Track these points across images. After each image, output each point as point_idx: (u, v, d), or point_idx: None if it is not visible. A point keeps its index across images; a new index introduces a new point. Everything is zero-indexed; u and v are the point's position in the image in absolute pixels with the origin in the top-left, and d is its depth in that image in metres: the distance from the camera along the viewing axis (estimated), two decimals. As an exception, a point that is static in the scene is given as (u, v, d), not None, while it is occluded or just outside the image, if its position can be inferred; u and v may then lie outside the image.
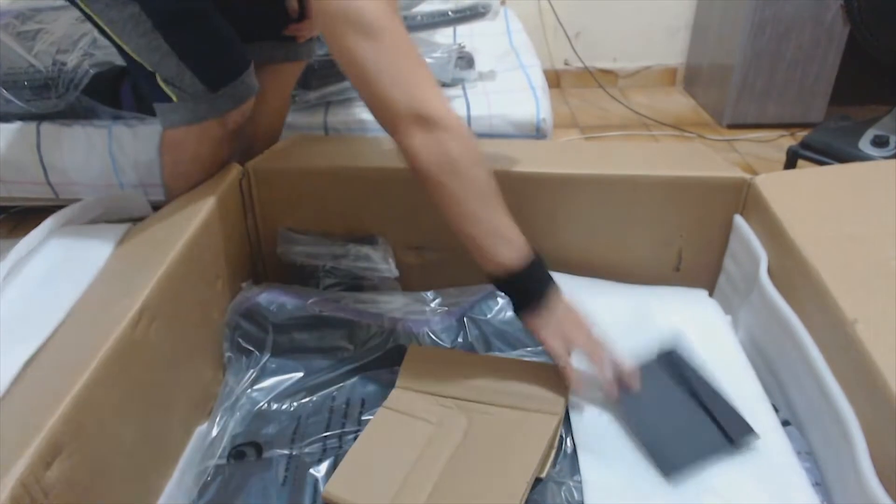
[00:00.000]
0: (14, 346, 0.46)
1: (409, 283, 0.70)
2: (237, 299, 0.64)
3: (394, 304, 0.65)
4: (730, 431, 0.50)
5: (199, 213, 0.60)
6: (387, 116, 0.49)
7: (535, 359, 0.60)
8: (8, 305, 0.52)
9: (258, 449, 0.54)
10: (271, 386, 0.60)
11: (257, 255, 0.72)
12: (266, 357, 0.62)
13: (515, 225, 0.51)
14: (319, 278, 0.69)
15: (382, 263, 0.68)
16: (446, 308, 0.65)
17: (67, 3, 0.62)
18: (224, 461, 0.53)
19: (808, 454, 0.50)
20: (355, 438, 0.53)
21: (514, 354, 0.61)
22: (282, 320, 0.62)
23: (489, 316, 0.63)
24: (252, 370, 0.61)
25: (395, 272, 0.69)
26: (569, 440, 0.51)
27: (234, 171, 0.67)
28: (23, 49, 1.39)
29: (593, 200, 0.67)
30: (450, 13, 1.37)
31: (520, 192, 0.66)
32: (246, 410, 0.58)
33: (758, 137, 1.90)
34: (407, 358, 0.59)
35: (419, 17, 1.33)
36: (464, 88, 1.38)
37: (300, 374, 0.61)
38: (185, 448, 0.56)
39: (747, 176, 0.64)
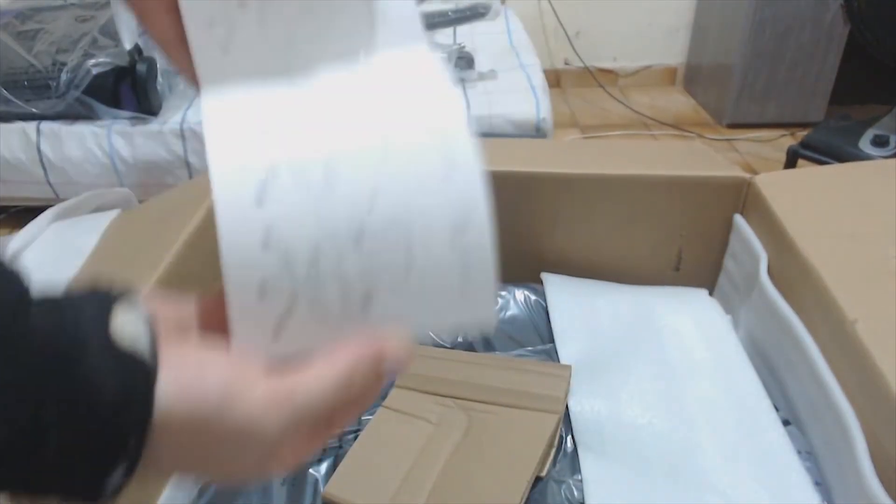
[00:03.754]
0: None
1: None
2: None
3: (394, 304, 0.65)
4: None
5: (196, 212, 0.60)
6: None
7: (535, 358, 0.60)
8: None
9: (258, 448, 0.54)
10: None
11: (257, 254, 0.72)
12: (266, 357, 0.62)
13: None
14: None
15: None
16: (446, 308, 0.65)
17: (67, 3, 0.62)
18: (224, 461, 0.53)
19: (808, 454, 0.50)
20: (355, 438, 0.53)
21: (514, 354, 0.61)
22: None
23: (489, 315, 0.63)
24: (252, 370, 0.61)
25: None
26: (569, 439, 0.51)
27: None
28: (23, 49, 1.39)
29: (593, 200, 0.67)
30: (450, 13, 1.37)
31: (519, 191, 0.66)
32: (246, 410, 0.58)
33: (758, 137, 1.90)
34: (407, 357, 0.59)
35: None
36: (464, 88, 1.39)
37: (300, 374, 0.61)
38: (185, 448, 0.56)
39: (747, 175, 0.64)
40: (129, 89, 1.39)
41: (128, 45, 1.37)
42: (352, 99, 0.27)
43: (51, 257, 0.57)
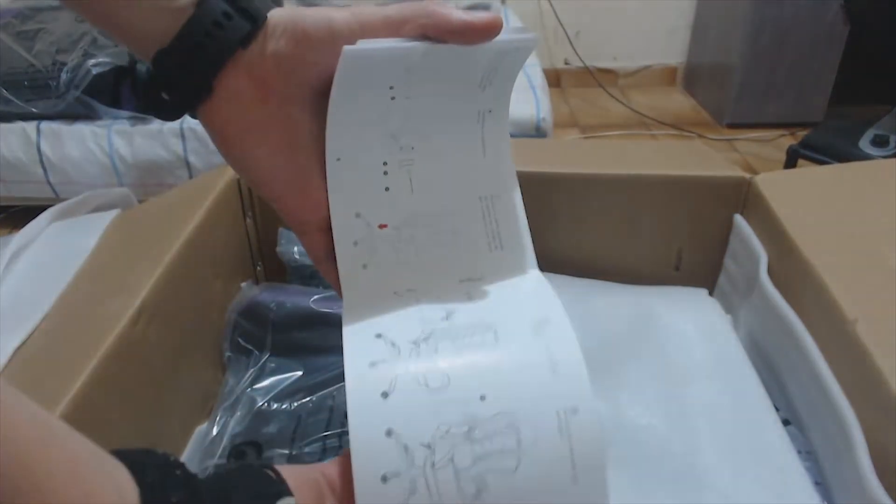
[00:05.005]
0: (4, 335, 0.46)
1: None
2: (236, 298, 0.64)
3: (394, 304, 0.65)
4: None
5: (196, 212, 0.60)
6: None
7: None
8: (3, 296, 0.52)
9: (258, 448, 0.54)
10: (271, 385, 0.60)
11: (257, 255, 0.72)
12: (266, 356, 0.62)
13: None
14: (320, 278, 0.69)
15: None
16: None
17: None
18: (224, 461, 0.53)
19: (808, 453, 0.50)
20: (355, 438, 0.53)
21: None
22: (281, 319, 0.62)
23: (489, 315, 0.63)
24: (252, 369, 0.61)
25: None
26: (569, 440, 0.51)
27: (231, 169, 0.67)
28: (23, 49, 1.39)
29: (593, 200, 0.67)
30: (450, 13, 1.36)
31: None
32: (246, 410, 0.58)
33: (758, 137, 1.91)
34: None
35: (419, 17, 1.33)
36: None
37: (300, 374, 0.61)
38: (185, 448, 0.56)
39: (747, 175, 0.64)
40: (129, 89, 1.38)
41: (128, 45, 1.37)
42: (467, 314, 0.32)
43: (51, 257, 0.57)
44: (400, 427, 0.27)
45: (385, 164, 0.33)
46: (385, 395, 0.28)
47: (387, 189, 0.34)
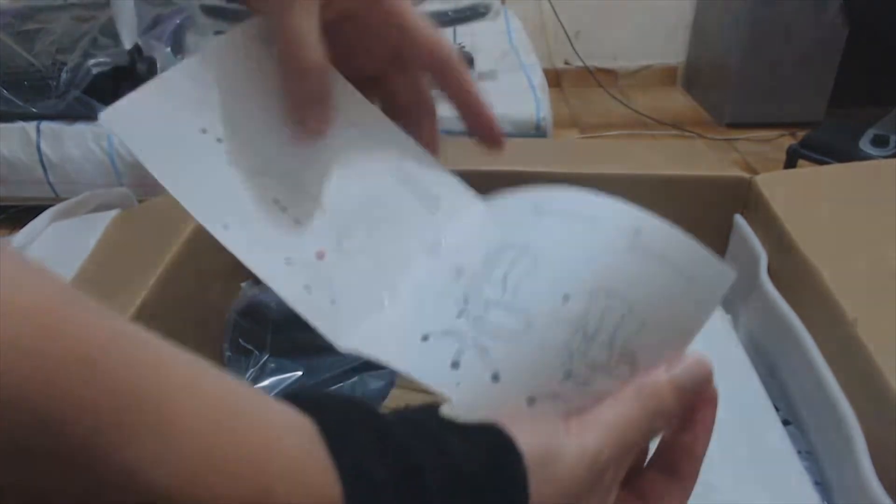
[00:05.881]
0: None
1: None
2: (236, 298, 0.64)
3: (394, 304, 0.65)
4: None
5: (198, 213, 0.60)
6: None
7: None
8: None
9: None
10: (271, 385, 0.60)
11: (257, 254, 0.72)
12: (266, 356, 0.62)
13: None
14: (319, 278, 0.69)
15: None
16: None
17: (67, 3, 0.62)
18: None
19: (808, 454, 0.50)
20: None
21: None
22: (281, 319, 0.62)
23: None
24: (252, 369, 0.61)
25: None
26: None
27: (234, 170, 0.67)
28: (23, 49, 1.39)
29: (593, 200, 0.67)
30: (450, 13, 1.37)
31: (520, 191, 0.66)
32: (246, 410, 0.58)
33: (758, 137, 1.91)
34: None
35: (419, 17, 1.33)
36: (464, 88, 1.38)
37: (300, 374, 0.61)
38: (185, 448, 0.56)
39: (747, 175, 0.64)
40: (129, 89, 1.39)
41: (128, 45, 1.37)
42: (472, 258, 0.29)
43: (51, 257, 0.57)
44: (538, 390, 0.25)
45: (276, 201, 0.29)
46: (496, 377, 0.25)
47: (297, 221, 0.29)
